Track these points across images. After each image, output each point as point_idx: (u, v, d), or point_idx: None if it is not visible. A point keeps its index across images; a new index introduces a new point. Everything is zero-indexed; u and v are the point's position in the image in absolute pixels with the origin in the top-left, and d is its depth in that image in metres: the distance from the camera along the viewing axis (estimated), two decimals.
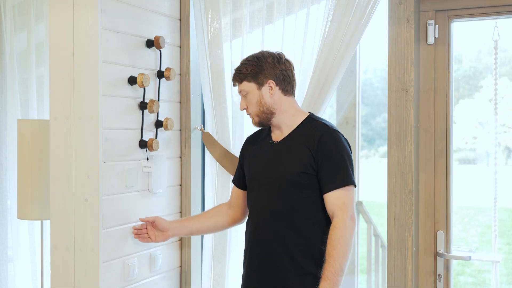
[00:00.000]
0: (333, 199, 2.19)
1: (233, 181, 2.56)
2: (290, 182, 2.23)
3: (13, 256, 3.51)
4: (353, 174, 2.23)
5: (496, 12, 2.54)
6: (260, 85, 2.28)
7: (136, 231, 2.54)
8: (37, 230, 3.45)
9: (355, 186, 2.24)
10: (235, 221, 2.55)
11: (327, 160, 2.20)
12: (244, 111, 2.42)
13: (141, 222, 2.56)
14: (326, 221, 2.25)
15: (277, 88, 2.29)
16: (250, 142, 2.49)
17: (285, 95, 2.32)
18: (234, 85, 2.40)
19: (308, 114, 2.36)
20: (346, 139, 2.29)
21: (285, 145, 2.29)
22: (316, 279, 2.20)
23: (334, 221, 2.17)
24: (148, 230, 2.53)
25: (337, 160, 2.20)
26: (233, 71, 2.38)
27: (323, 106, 2.68)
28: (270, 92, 2.28)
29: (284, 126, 2.32)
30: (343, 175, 2.20)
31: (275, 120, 2.32)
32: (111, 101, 2.53)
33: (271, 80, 2.28)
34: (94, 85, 2.45)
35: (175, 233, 2.53)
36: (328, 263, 2.13)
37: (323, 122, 2.31)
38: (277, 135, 2.35)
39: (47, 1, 3.33)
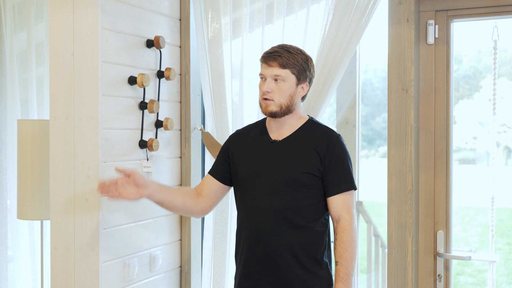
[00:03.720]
0: (339, 202, 2.24)
1: (212, 172, 2.44)
2: (295, 182, 2.23)
3: (13, 256, 3.51)
4: (353, 177, 2.30)
5: (496, 12, 2.55)
6: (299, 82, 2.27)
7: (103, 188, 2.24)
8: (37, 230, 3.45)
9: (356, 190, 2.30)
10: (202, 212, 2.43)
11: (335, 164, 2.24)
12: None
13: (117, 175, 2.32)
14: (327, 222, 2.29)
15: (306, 92, 2.33)
16: (239, 137, 2.43)
17: (301, 100, 2.36)
18: (269, 64, 2.24)
19: (308, 117, 2.37)
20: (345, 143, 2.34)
21: (289, 145, 2.30)
22: (319, 278, 2.21)
23: (342, 224, 2.22)
24: (119, 186, 2.23)
25: (343, 165, 2.26)
26: (275, 53, 2.24)
27: (323, 106, 2.68)
28: (300, 93, 2.30)
29: (287, 126, 2.33)
30: (348, 179, 2.26)
31: (284, 119, 2.31)
32: (111, 101, 2.53)
33: (306, 83, 2.31)
34: (94, 85, 2.45)
35: (151, 193, 2.28)
36: (341, 264, 2.18)
37: (326, 126, 2.35)
38: (277, 135, 2.34)
39: (47, 1, 3.33)
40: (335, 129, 3.35)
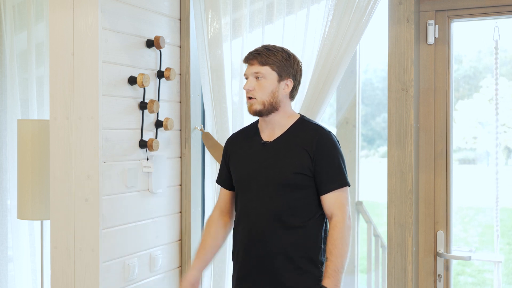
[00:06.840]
0: (332, 199, 2.23)
1: (220, 182, 2.49)
2: (287, 183, 2.23)
3: (13, 256, 3.51)
4: (346, 174, 2.28)
5: (496, 12, 2.55)
6: (281, 78, 2.27)
7: None
8: (37, 230, 3.45)
9: (349, 186, 2.28)
10: (231, 227, 2.50)
11: (326, 162, 2.23)
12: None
13: None
14: (322, 221, 2.28)
15: (290, 89, 2.31)
16: (234, 142, 2.44)
17: (289, 98, 2.34)
18: (250, 63, 2.27)
19: (299, 115, 2.37)
20: (337, 140, 2.33)
21: (280, 145, 2.29)
22: (316, 278, 2.21)
23: (333, 221, 2.21)
24: None
25: (334, 162, 2.25)
26: (255, 51, 2.27)
27: (323, 106, 2.68)
28: (284, 90, 2.29)
29: (277, 126, 2.32)
30: (340, 176, 2.25)
31: (272, 118, 2.30)
32: (111, 101, 2.53)
33: (290, 80, 2.29)
34: (94, 85, 2.45)
35: (202, 274, 2.49)
36: (330, 261, 2.17)
37: (316, 124, 2.34)
38: (268, 135, 2.33)
39: (47, 1, 3.33)
40: (334, 129, 3.33)
